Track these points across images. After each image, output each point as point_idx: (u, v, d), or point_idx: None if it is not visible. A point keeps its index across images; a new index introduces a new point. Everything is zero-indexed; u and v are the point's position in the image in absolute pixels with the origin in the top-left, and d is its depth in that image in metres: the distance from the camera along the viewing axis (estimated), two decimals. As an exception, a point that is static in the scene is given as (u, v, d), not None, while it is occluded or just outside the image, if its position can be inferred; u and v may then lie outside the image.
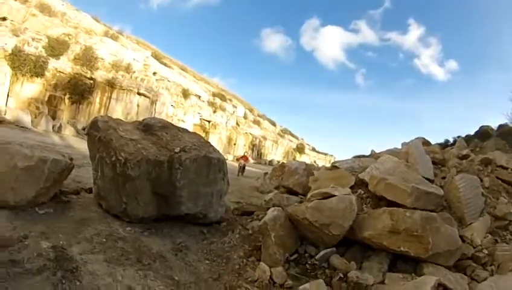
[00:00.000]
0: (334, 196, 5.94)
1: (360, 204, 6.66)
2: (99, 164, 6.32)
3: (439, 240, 5.47)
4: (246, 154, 21.73)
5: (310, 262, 5.67)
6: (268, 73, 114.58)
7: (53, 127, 20.24)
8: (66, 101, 21.96)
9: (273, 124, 38.29)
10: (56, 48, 21.50)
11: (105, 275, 4.35)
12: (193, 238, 6.09)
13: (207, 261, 5.44)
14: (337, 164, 9.19)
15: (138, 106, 23.84)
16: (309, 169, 9.61)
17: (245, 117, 33.73)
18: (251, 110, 35.67)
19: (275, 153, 23.90)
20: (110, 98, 23.48)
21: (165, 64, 27.91)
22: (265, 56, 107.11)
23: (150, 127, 6.98)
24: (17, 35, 20.07)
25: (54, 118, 21.22)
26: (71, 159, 6.35)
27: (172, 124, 7.83)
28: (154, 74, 26.22)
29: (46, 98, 21.41)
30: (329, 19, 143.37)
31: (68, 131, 20.11)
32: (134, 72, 24.98)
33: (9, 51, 19.32)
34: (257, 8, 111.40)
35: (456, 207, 6.94)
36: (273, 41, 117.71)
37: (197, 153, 6.40)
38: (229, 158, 28.75)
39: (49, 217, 5.40)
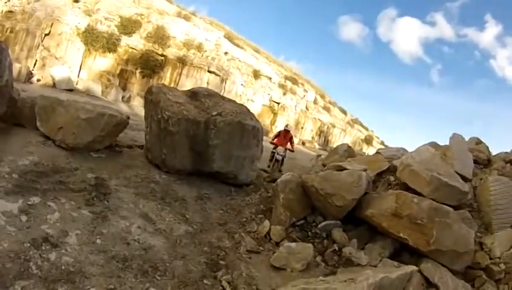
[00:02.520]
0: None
1: (385, 188, 6.95)
2: (149, 121, 7.66)
3: (446, 237, 5.25)
4: (286, 132, 11.28)
5: (313, 230, 6.15)
6: (344, 61, 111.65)
7: (122, 98, 22.48)
8: (137, 75, 23.62)
9: (344, 112, 37.85)
10: (128, 26, 23.35)
11: (130, 202, 5.75)
12: (218, 193, 7.15)
13: (221, 211, 6.51)
14: (381, 151, 9.44)
15: (208, 83, 25.17)
16: (350, 151, 10.16)
17: (315, 102, 33.88)
18: (322, 96, 35.65)
19: (342, 142, 23.74)
20: (180, 74, 24.85)
21: (238, 45, 29.05)
22: (342, 43, 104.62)
23: (196, 94, 8.15)
24: (90, 15, 22.38)
25: (124, 89, 23.39)
26: (128, 117, 7.72)
27: (218, 93, 8.96)
28: (226, 53, 27.44)
29: (118, 72, 23.48)
30: (406, 10, 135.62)
31: (137, 101, 22.21)
32: (206, 51, 26.23)
33: (82, 29, 21.78)
34: None
35: (484, 211, 6.63)
36: (350, 29, 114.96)
37: (232, 118, 7.42)
38: (295, 141, 29.40)
39: (100, 159, 6.86)
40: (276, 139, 11.00)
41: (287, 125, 11.90)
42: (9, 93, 6.82)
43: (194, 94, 8.13)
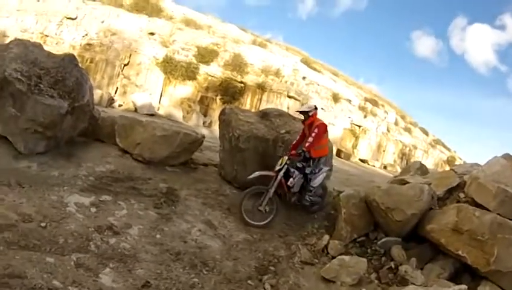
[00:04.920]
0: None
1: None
2: (222, 140, 8.35)
3: (510, 257, 5.01)
4: (307, 118, 6.97)
5: (373, 247, 6.16)
6: (422, 78, 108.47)
7: (204, 123, 24.12)
8: (218, 101, 25.15)
9: (425, 132, 36.54)
10: (205, 55, 25.13)
11: (196, 209, 6.39)
12: (283, 207, 7.20)
13: (284, 224, 6.78)
14: (454, 167, 9.26)
15: (288, 108, 25.84)
16: (424, 169, 9.97)
17: (396, 124, 33.16)
18: (403, 117, 34.82)
19: (425, 164, 22.89)
20: (260, 100, 26.08)
21: (315, 69, 29.69)
22: (418, 60, 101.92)
23: (266, 114, 8.68)
24: (167, 46, 24.73)
25: (205, 115, 25.14)
26: (203, 136, 8.52)
27: (288, 114, 9.34)
28: (304, 78, 28.17)
29: (198, 98, 25.35)
30: (475, 16, 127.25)
31: (217, 126, 23.46)
32: (284, 76, 27.18)
33: (161, 59, 24.11)
34: (403, 9, 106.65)
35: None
36: (424, 44, 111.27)
37: None
38: (376, 165, 28.90)
39: (174, 173, 7.63)
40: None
41: (308, 108, 7.26)
42: (90, 111, 7.94)
43: (264, 114, 8.68)
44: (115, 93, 22.92)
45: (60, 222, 5.03)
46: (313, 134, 6.65)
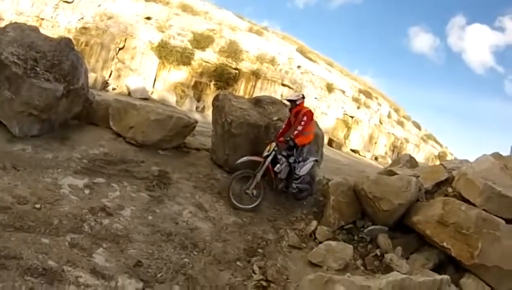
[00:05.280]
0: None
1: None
2: (214, 125, 8.43)
3: (493, 252, 5.10)
4: (294, 107, 7.12)
5: (360, 235, 6.35)
6: (418, 74, 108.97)
7: (197, 108, 24.18)
8: (212, 87, 25.23)
9: (418, 127, 36.94)
10: (201, 41, 25.19)
11: (187, 192, 6.53)
12: (275, 193, 7.42)
13: (273, 209, 6.95)
14: (444, 163, 9.44)
15: (282, 96, 25.93)
16: (413, 162, 10.16)
17: (389, 116, 33.45)
18: (396, 110, 35.12)
19: (416, 158, 23.22)
20: (254, 87, 26.20)
21: (310, 59, 29.74)
22: (415, 56, 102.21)
23: (259, 101, 8.79)
24: (163, 31, 24.70)
25: (198, 100, 25.20)
26: (196, 121, 8.60)
27: (281, 101, 9.38)
28: (299, 67, 28.22)
29: (192, 83, 25.42)
30: (474, 16, 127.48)
31: (210, 112, 23.52)
32: (279, 64, 27.23)
33: (156, 44, 24.14)
34: (401, 5, 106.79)
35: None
36: (421, 40, 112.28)
37: None
38: (367, 156, 29.19)
39: (166, 156, 7.73)
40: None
41: (295, 96, 7.43)
42: (84, 95, 8.00)
43: (257, 101, 8.79)
44: (109, 77, 22.88)
45: (54, 204, 5.16)
46: (302, 122, 6.74)
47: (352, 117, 30.48)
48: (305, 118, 6.79)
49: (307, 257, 5.52)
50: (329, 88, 29.23)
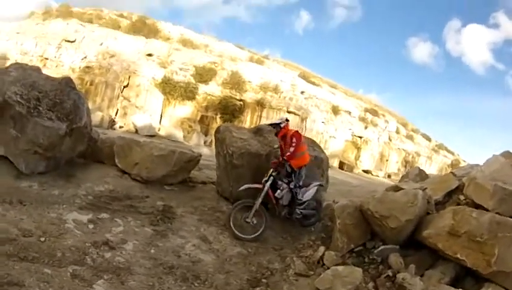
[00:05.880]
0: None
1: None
2: (217, 157, 8.56)
3: (511, 256, 4.88)
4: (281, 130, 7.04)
5: (370, 256, 6.12)
6: (421, 84, 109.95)
7: (204, 142, 24.46)
8: (218, 120, 25.72)
9: (428, 138, 36.82)
10: (203, 75, 25.95)
11: (192, 226, 6.58)
12: (280, 221, 7.37)
13: (280, 238, 6.91)
14: (454, 170, 9.06)
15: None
16: (422, 175, 10.02)
17: (397, 132, 33.39)
18: (404, 125, 35.12)
19: (429, 170, 22.83)
20: (260, 116, 26.56)
21: (313, 83, 30.16)
22: (416, 66, 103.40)
23: (260, 130, 8.90)
24: (165, 67, 25.60)
25: (206, 134, 25.54)
26: (200, 155, 8.80)
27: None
28: (302, 92, 28.54)
29: (198, 118, 26.03)
30: (469, 17, 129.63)
31: (216, 144, 23.85)
32: (282, 92, 27.73)
33: (159, 80, 24.92)
34: (398, 17, 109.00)
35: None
36: (421, 50, 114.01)
37: None
38: (380, 175, 28.93)
39: (172, 191, 7.87)
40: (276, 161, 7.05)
41: (279, 120, 7.30)
42: (88, 133, 8.23)
43: (258, 130, 8.90)
44: (116, 115, 23.44)
45: (58, 237, 5.29)
46: (293, 144, 6.72)
47: (360, 137, 30.50)
48: (294, 140, 6.77)
49: (314, 283, 5.36)
50: (335, 110, 29.38)
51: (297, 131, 7.12)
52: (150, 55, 25.67)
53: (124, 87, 24.09)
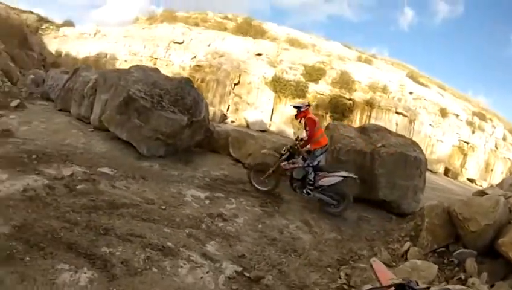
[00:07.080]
0: (488, 194, 6.61)
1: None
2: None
3: None
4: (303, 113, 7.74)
5: (450, 258, 6.32)
6: None
7: (315, 139, 24.98)
8: (328, 118, 25.79)
9: None
10: (313, 74, 26.42)
11: (296, 211, 7.51)
12: (377, 218, 8.17)
13: (374, 231, 7.56)
14: None
15: (397, 124, 25.57)
16: (517, 183, 9.80)
17: (504, 139, 30.13)
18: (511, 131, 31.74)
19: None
20: (369, 116, 26.28)
21: (421, 84, 28.88)
22: None
23: (365, 130, 9.65)
24: (274, 66, 26.38)
25: (316, 132, 25.85)
26: None
27: (386, 129, 10.09)
28: (411, 93, 27.67)
29: None
30: None
31: (326, 143, 24.36)
32: (391, 92, 27.24)
33: (270, 78, 25.79)
34: (502, 10, 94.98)
35: None
36: None
37: (395, 149, 8.53)
38: (484, 185, 27.00)
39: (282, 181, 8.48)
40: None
41: (301, 103, 8.02)
42: (205, 126, 9.58)
43: (363, 129, 9.63)
44: (227, 110, 24.94)
45: (177, 207, 6.27)
46: (307, 130, 7.55)
47: (467, 143, 28.64)
48: (307, 128, 7.57)
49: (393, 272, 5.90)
50: (443, 113, 28.07)
51: (310, 117, 7.66)
52: (259, 54, 26.80)
53: (235, 84, 25.42)
